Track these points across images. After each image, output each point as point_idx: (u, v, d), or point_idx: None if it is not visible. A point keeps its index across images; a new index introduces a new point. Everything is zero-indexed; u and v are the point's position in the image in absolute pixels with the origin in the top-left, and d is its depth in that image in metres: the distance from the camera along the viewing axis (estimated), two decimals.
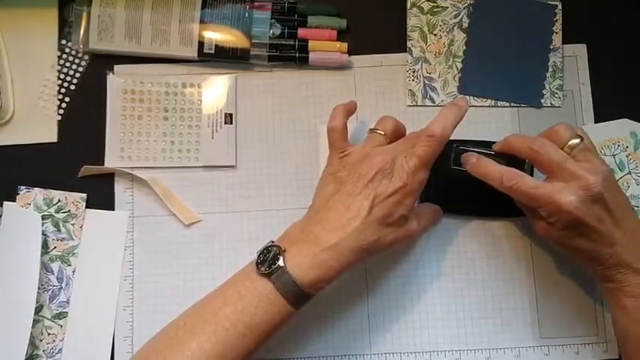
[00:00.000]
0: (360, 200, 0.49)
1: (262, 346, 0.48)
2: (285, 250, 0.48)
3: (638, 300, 0.49)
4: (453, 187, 0.57)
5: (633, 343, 0.50)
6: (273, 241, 0.50)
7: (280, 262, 0.47)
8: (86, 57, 0.61)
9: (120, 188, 0.60)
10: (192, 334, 0.47)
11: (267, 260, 0.48)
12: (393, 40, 0.62)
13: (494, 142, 0.55)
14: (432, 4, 0.62)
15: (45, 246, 0.58)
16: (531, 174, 0.54)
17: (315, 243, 0.48)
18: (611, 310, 0.52)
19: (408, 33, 0.62)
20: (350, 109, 0.56)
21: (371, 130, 0.54)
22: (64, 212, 0.59)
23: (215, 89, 0.61)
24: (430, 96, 0.61)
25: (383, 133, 0.53)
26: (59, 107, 0.61)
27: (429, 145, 0.50)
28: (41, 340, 0.57)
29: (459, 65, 0.61)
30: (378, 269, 0.59)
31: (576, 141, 0.50)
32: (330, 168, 0.53)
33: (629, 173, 0.60)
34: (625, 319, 0.50)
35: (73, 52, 0.61)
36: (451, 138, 0.52)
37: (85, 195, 0.59)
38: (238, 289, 0.48)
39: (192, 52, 0.60)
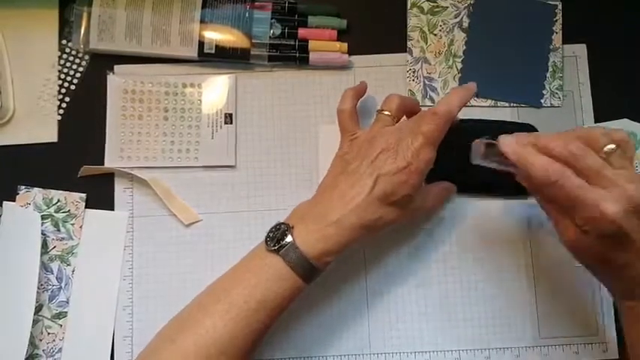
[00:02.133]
0: (364, 179, 0.50)
1: (276, 322, 0.50)
2: (292, 227, 0.50)
3: None
4: (457, 164, 0.57)
5: None
6: (280, 221, 0.51)
7: (289, 238, 0.49)
8: (86, 57, 0.61)
9: (120, 188, 0.60)
10: (205, 314, 0.48)
11: (276, 237, 0.49)
12: (393, 40, 0.62)
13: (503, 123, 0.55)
14: (432, 4, 0.62)
15: (44, 246, 0.58)
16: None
17: (320, 219, 0.49)
18: (630, 331, 0.49)
19: (408, 33, 0.62)
20: (360, 91, 0.57)
21: (378, 111, 0.55)
22: (63, 212, 0.59)
23: (215, 89, 0.61)
24: (430, 96, 0.61)
25: (389, 113, 0.54)
26: (59, 107, 0.61)
27: (434, 122, 0.50)
28: (41, 340, 0.57)
29: (459, 65, 0.61)
30: (378, 269, 0.59)
31: (612, 146, 0.46)
32: (340, 151, 0.54)
33: None
34: None
35: (74, 52, 0.61)
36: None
37: (84, 195, 0.59)
38: (249, 268, 0.50)
39: (192, 52, 0.60)
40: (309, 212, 0.51)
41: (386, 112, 0.54)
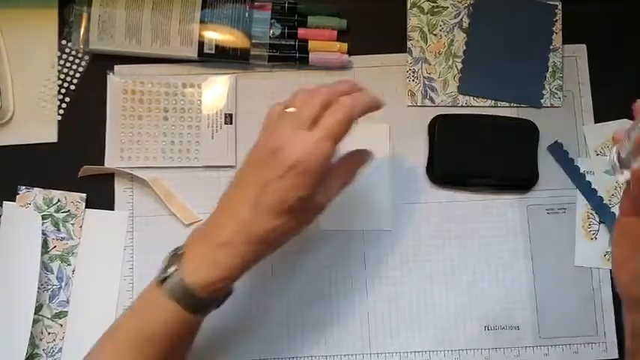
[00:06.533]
0: (250, 189, 0.44)
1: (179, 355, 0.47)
2: (183, 254, 0.45)
3: None
4: (457, 159, 0.59)
5: None
6: (178, 245, 0.47)
7: (173, 267, 0.44)
8: (86, 57, 0.61)
9: (120, 188, 0.60)
10: (99, 352, 0.46)
11: (166, 266, 0.45)
12: (393, 40, 0.62)
13: None
14: (432, 4, 0.62)
15: (45, 245, 0.58)
16: None
17: (209, 241, 0.44)
18: None
19: (408, 33, 0.62)
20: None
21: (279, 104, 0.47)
22: (63, 212, 0.59)
23: (215, 89, 0.61)
24: (430, 96, 0.61)
25: (293, 109, 0.45)
26: (59, 107, 0.61)
27: (338, 114, 0.43)
28: (41, 340, 0.57)
29: (459, 65, 0.61)
30: (378, 269, 0.59)
31: None
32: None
33: None
34: None
35: (73, 52, 0.61)
36: None
37: (84, 195, 0.59)
38: (141, 300, 0.47)
39: (192, 52, 0.60)
40: (202, 234, 0.46)
41: (290, 109, 0.46)
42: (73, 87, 0.61)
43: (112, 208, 0.60)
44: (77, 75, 0.61)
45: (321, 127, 0.43)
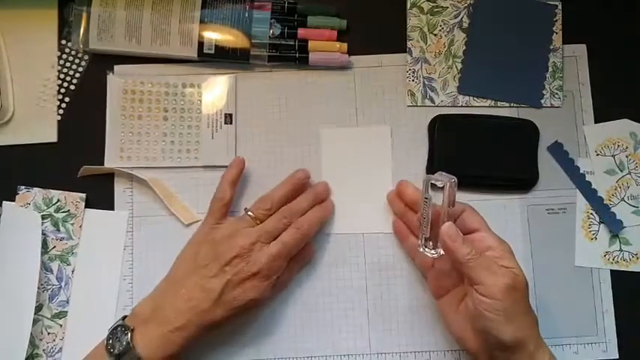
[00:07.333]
0: (214, 283, 0.51)
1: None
2: (134, 330, 0.50)
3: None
4: (457, 159, 0.59)
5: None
6: (124, 318, 0.52)
7: (129, 343, 0.49)
8: (86, 57, 0.61)
9: (120, 188, 0.60)
10: None
11: (117, 341, 0.50)
12: (393, 40, 0.62)
13: None
14: (432, 4, 0.62)
15: (44, 245, 0.58)
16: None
17: (165, 323, 0.50)
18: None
19: (408, 33, 0.62)
20: (238, 174, 0.57)
21: (245, 209, 0.55)
22: (63, 212, 0.59)
23: (215, 89, 0.61)
24: (430, 96, 0.61)
25: (253, 216, 0.54)
26: (59, 107, 0.61)
27: (297, 235, 0.53)
28: (41, 340, 0.57)
29: (459, 65, 0.61)
30: (378, 269, 0.59)
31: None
32: (198, 236, 0.55)
33: (629, 173, 0.60)
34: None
35: (73, 52, 0.61)
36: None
37: (84, 195, 0.59)
38: None
39: (192, 52, 0.60)
40: (153, 314, 0.51)
41: (250, 214, 0.55)
42: (73, 87, 0.61)
43: (112, 208, 0.60)
44: (77, 75, 0.61)
45: (281, 243, 0.53)
